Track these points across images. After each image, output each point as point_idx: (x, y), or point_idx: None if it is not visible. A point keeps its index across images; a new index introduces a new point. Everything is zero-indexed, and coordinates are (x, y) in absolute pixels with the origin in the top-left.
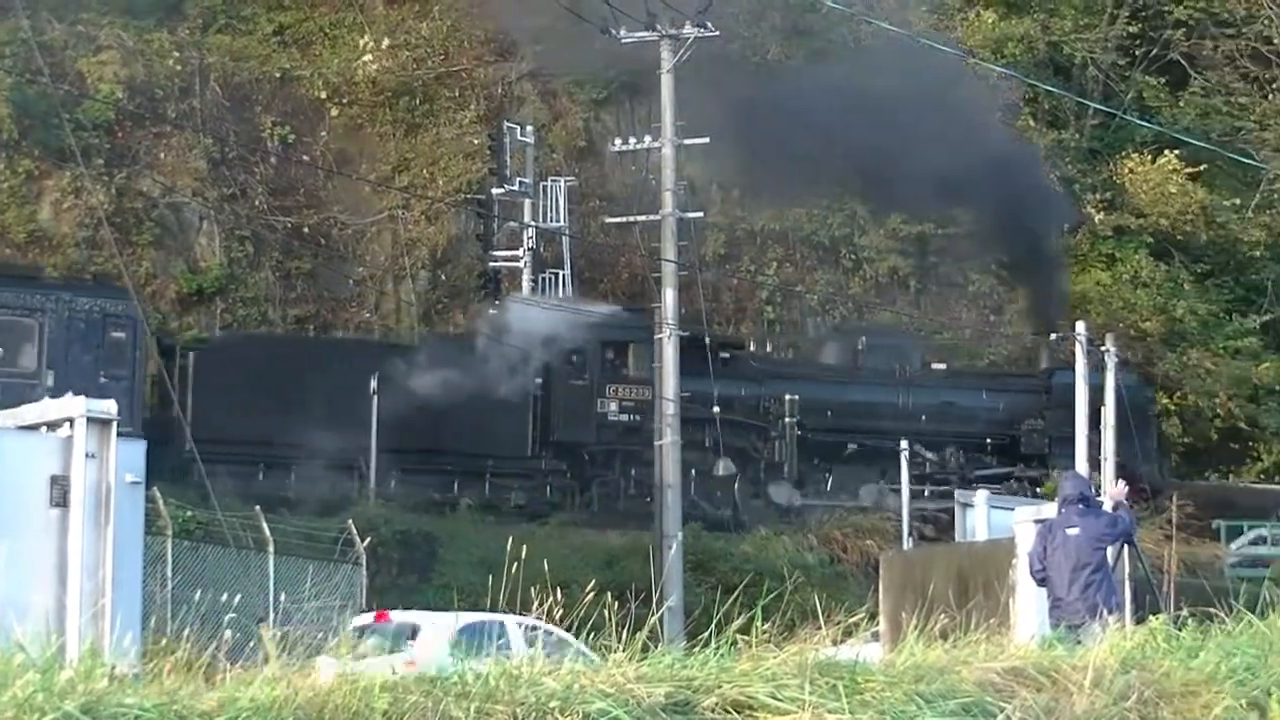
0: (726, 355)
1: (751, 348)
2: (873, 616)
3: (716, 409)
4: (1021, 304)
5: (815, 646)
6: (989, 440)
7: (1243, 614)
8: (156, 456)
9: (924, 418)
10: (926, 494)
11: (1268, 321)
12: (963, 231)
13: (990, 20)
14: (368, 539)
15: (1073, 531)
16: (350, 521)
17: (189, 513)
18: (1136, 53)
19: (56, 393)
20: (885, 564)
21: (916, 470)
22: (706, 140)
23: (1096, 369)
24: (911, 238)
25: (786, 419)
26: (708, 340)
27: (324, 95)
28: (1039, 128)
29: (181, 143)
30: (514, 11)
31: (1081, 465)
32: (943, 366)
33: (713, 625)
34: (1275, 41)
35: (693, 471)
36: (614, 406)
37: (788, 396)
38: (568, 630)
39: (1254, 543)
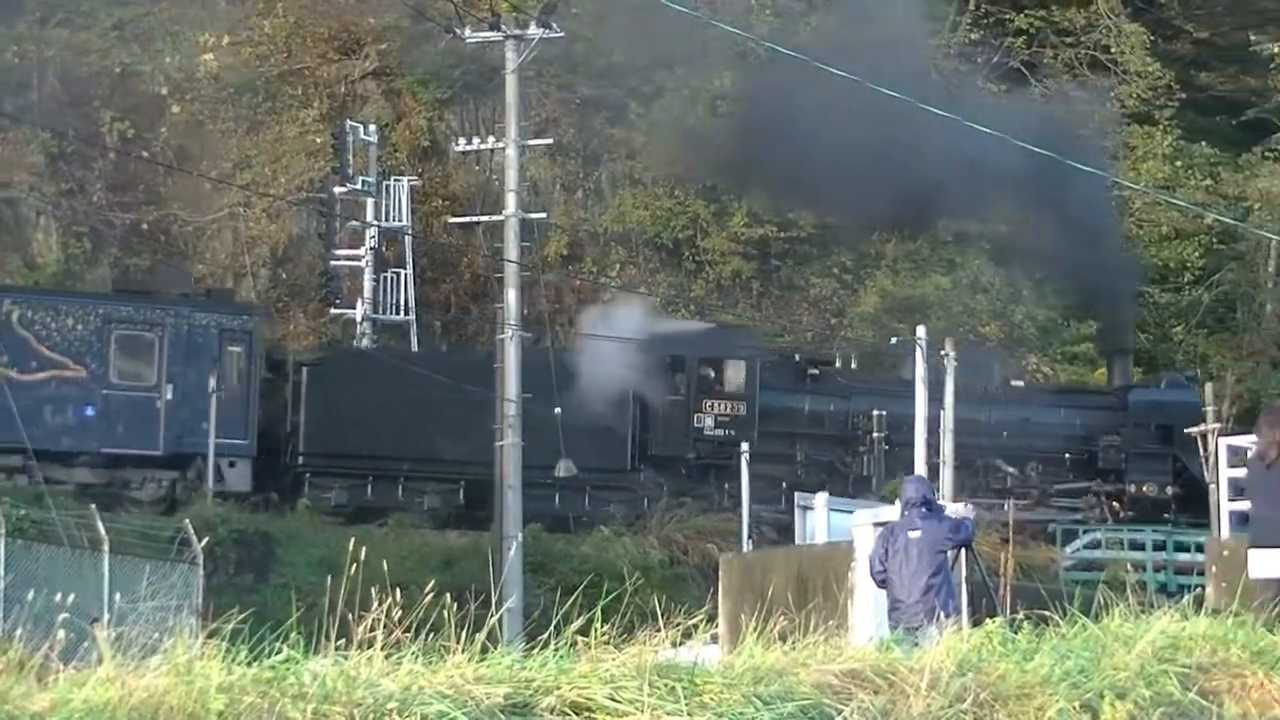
0: (815, 372)
1: (838, 364)
2: (712, 618)
3: (558, 409)
4: (1087, 328)
5: (654, 648)
6: (1068, 456)
7: (1077, 617)
8: (265, 468)
9: (1005, 433)
10: (1006, 508)
11: (1103, 327)
12: (803, 235)
13: (834, 26)
14: (205, 539)
15: (914, 535)
16: (187, 521)
17: (22, 511)
18: (978, 60)
19: (174, 406)
20: (725, 566)
21: (998, 485)
22: (550, 141)
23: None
24: (754, 240)
25: (875, 434)
26: (797, 358)
27: (165, 91)
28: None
29: (18, 137)
30: (358, 10)
31: (920, 467)
32: (1021, 384)
33: (552, 626)
34: (1113, 50)
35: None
36: (709, 421)
37: (875, 412)
38: (406, 632)
39: (1088, 546)
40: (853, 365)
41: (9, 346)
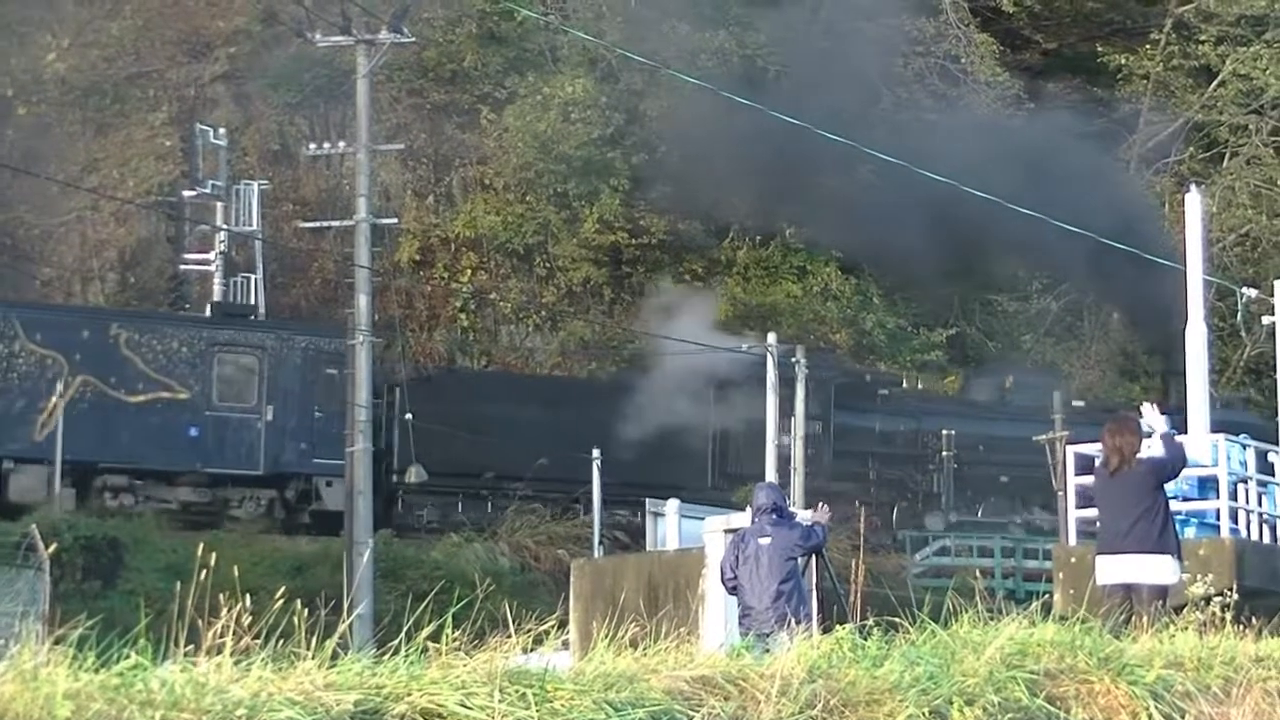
0: (885, 392)
1: (904, 384)
2: (563, 625)
3: (409, 415)
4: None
5: (505, 655)
6: None
7: (927, 624)
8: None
9: None
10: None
11: (953, 335)
12: (654, 242)
13: (684, 32)
14: (52, 545)
15: (764, 541)
16: (34, 526)
17: None
18: (831, 68)
19: (274, 427)
20: (576, 572)
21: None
22: (401, 146)
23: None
24: (605, 247)
25: (943, 452)
26: (868, 378)
27: (10, 93)
28: (733, 140)
29: None
30: (207, 13)
31: (770, 474)
32: (1081, 404)
33: (403, 633)
34: (963, 60)
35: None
36: (786, 439)
37: (944, 431)
38: (256, 638)
39: (938, 553)
40: (919, 385)
41: (117, 369)
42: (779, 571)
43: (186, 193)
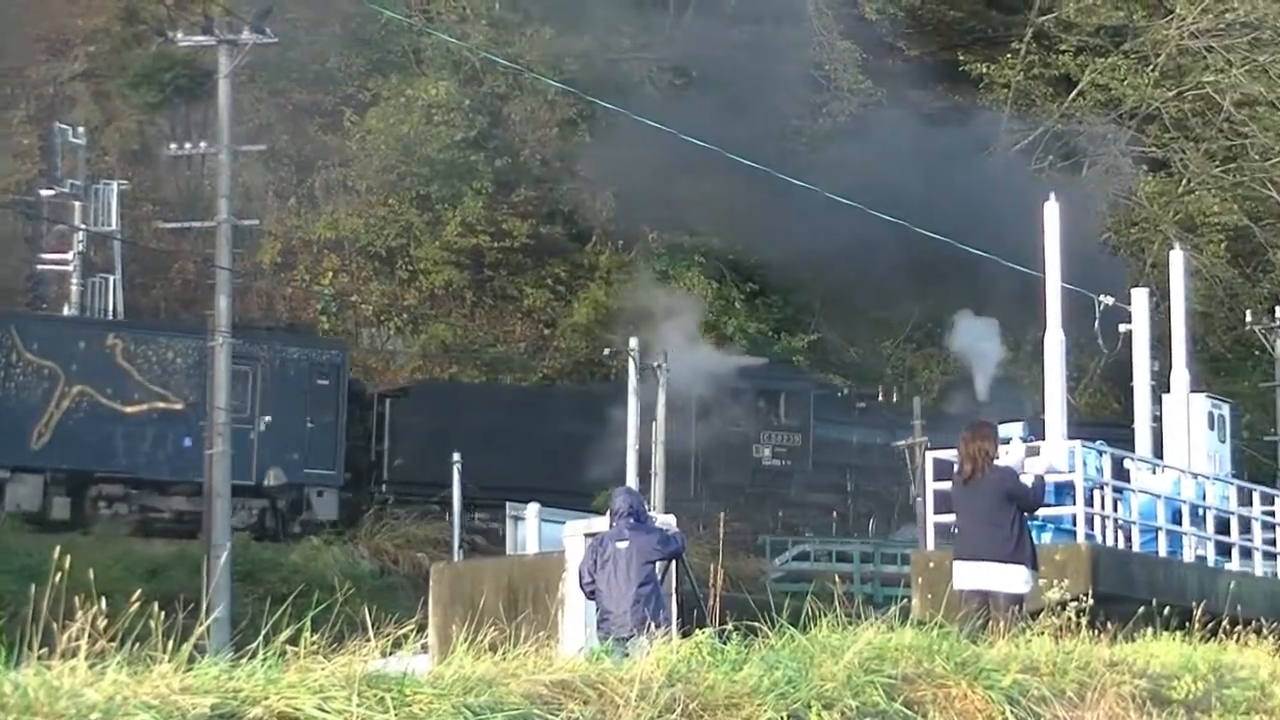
0: (863, 404)
1: (880, 398)
2: (422, 628)
3: (266, 418)
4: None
5: (364, 658)
6: None
7: (786, 628)
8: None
9: None
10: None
11: (814, 340)
12: (517, 245)
13: (548, 36)
14: None
15: (622, 545)
16: None
17: None
18: (694, 73)
19: (269, 436)
20: (436, 576)
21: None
22: (263, 147)
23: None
24: (467, 250)
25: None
26: (844, 391)
27: None
28: (597, 144)
29: None
30: (68, 11)
31: (631, 478)
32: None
33: (261, 636)
34: (826, 67)
35: None
36: (767, 452)
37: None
38: (111, 641)
39: (797, 558)
40: (894, 399)
41: (113, 379)
42: (637, 576)
43: (44, 192)
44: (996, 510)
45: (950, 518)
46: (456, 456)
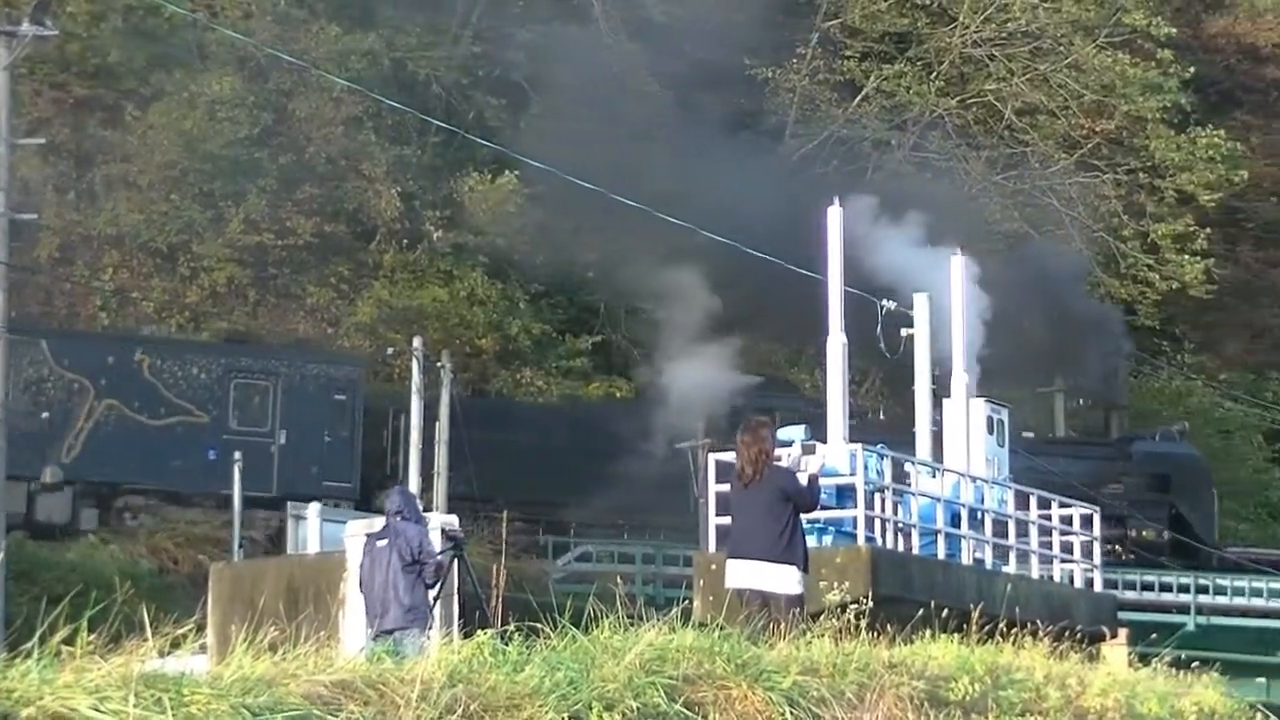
0: (854, 421)
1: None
2: (201, 628)
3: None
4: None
5: (141, 658)
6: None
7: (567, 629)
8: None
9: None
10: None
11: (599, 342)
12: (301, 243)
13: (335, 33)
14: None
15: (382, 544)
16: None
17: None
18: (480, 73)
19: (287, 451)
20: (215, 575)
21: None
22: (42, 141)
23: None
24: (250, 247)
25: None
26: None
27: None
28: (381, 143)
29: None
30: None
31: (414, 482)
32: (1031, 434)
33: (36, 637)
34: (613, 69)
35: None
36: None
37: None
38: None
39: (579, 559)
40: (881, 416)
41: (140, 393)
42: (401, 574)
43: None
44: (773, 510)
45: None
46: (237, 455)
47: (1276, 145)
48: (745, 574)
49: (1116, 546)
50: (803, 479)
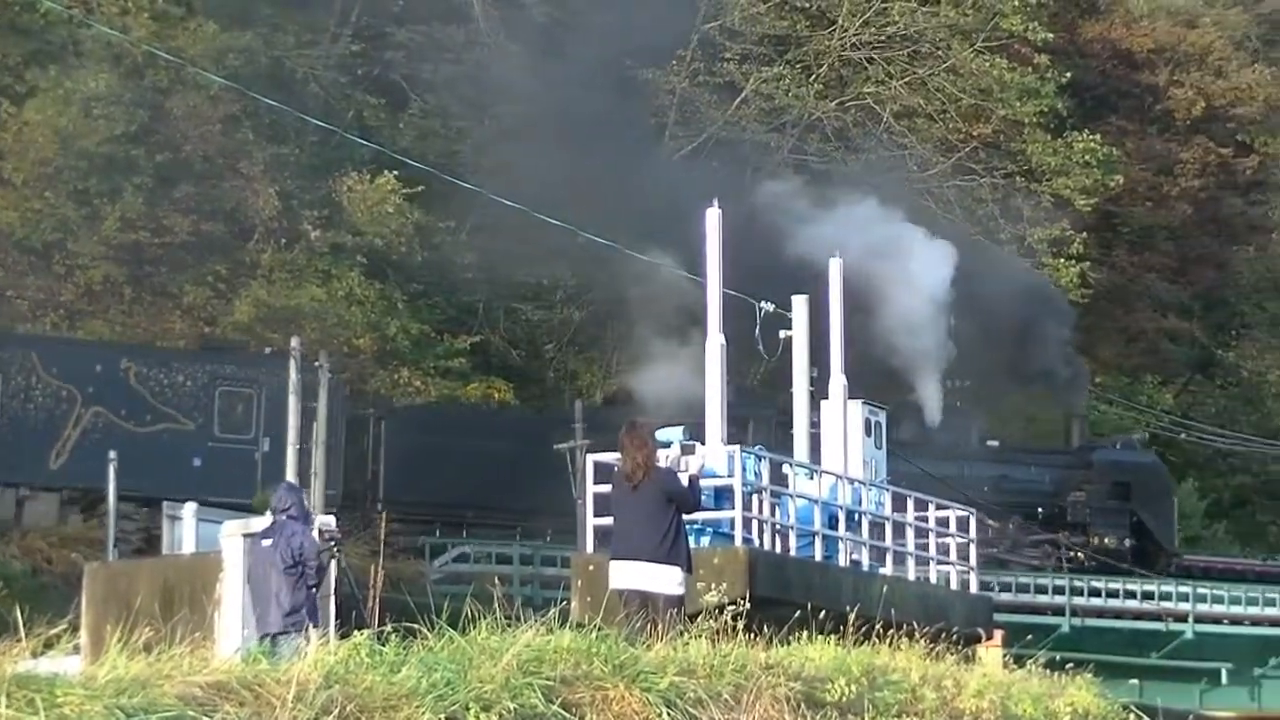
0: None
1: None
2: (75, 629)
3: None
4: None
5: (14, 659)
6: (1040, 510)
7: (445, 630)
8: (345, 516)
9: (985, 489)
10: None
11: (477, 343)
12: (178, 242)
13: (212, 31)
14: None
15: (267, 543)
16: None
17: None
18: (359, 72)
19: (270, 458)
20: (89, 576)
21: (980, 536)
22: None
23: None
24: (127, 245)
25: None
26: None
27: None
28: (259, 142)
29: None
30: None
31: (290, 475)
32: (996, 443)
33: None
34: (493, 69)
35: None
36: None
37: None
38: None
39: (457, 560)
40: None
41: (127, 401)
42: (283, 575)
43: None
44: (656, 511)
45: (610, 520)
46: (112, 455)
47: (1151, 150)
48: (628, 575)
49: (1079, 554)
50: (684, 480)
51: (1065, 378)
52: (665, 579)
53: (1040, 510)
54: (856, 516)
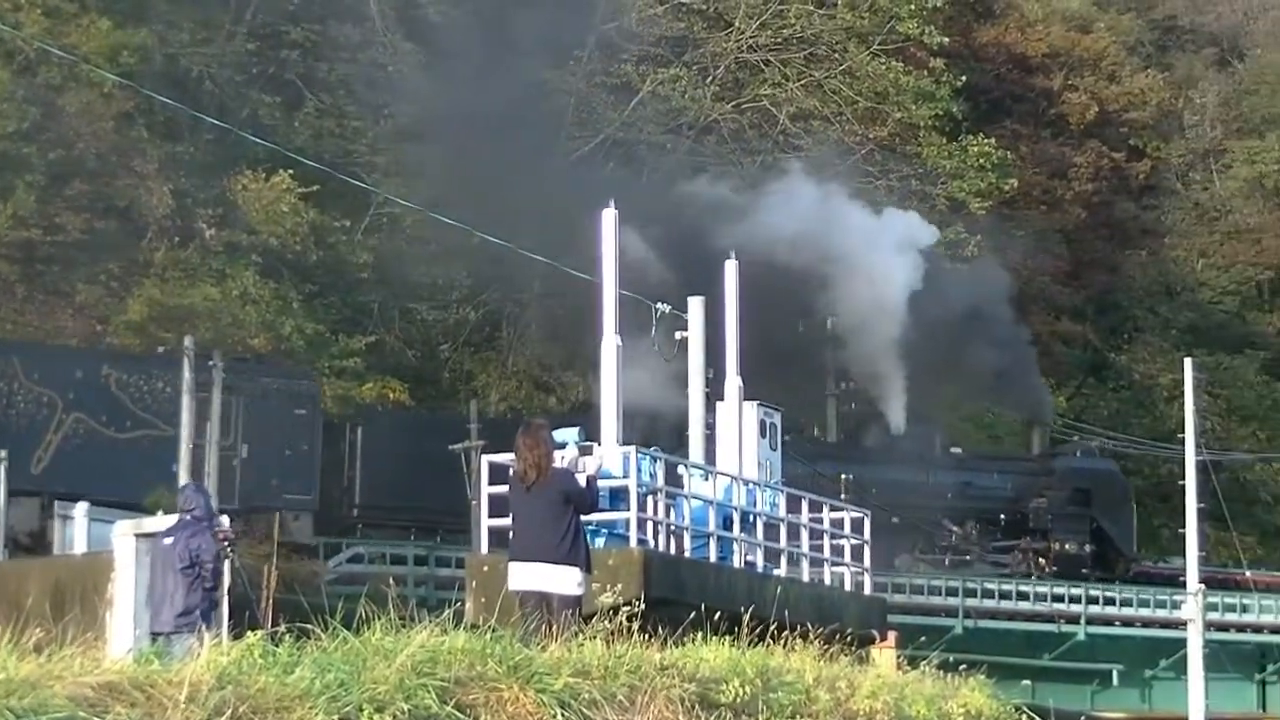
0: (787, 437)
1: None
2: None
3: None
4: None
5: None
6: (1003, 516)
7: (339, 630)
8: (323, 519)
9: (949, 495)
10: (947, 563)
11: (372, 342)
12: (70, 240)
13: (106, 28)
14: None
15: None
16: None
17: None
18: (254, 70)
19: (249, 464)
20: None
21: (944, 541)
22: None
23: (204, 386)
24: (19, 243)
25: (841, 496)
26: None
27: None
28: (153, 140)
29: None
30: None
31: (184, 477)
32: (959, 451)
33: None
34: (389, 68)
35: None
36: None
37: (842, 475)
38: None
39: (351, 560)
40: (815, 432)
41: (107, 407)
42: (179, 573)
43: None
44: (554, 512)
45: (505, 521)
46: (2, 454)
47: (1045, 154)
48: (527, 576)
49: (1041, 559)
50: (581, 480)
51: (1025, 384)
52: (564, 580)
53: (1003, 516)
54: (751, 518)
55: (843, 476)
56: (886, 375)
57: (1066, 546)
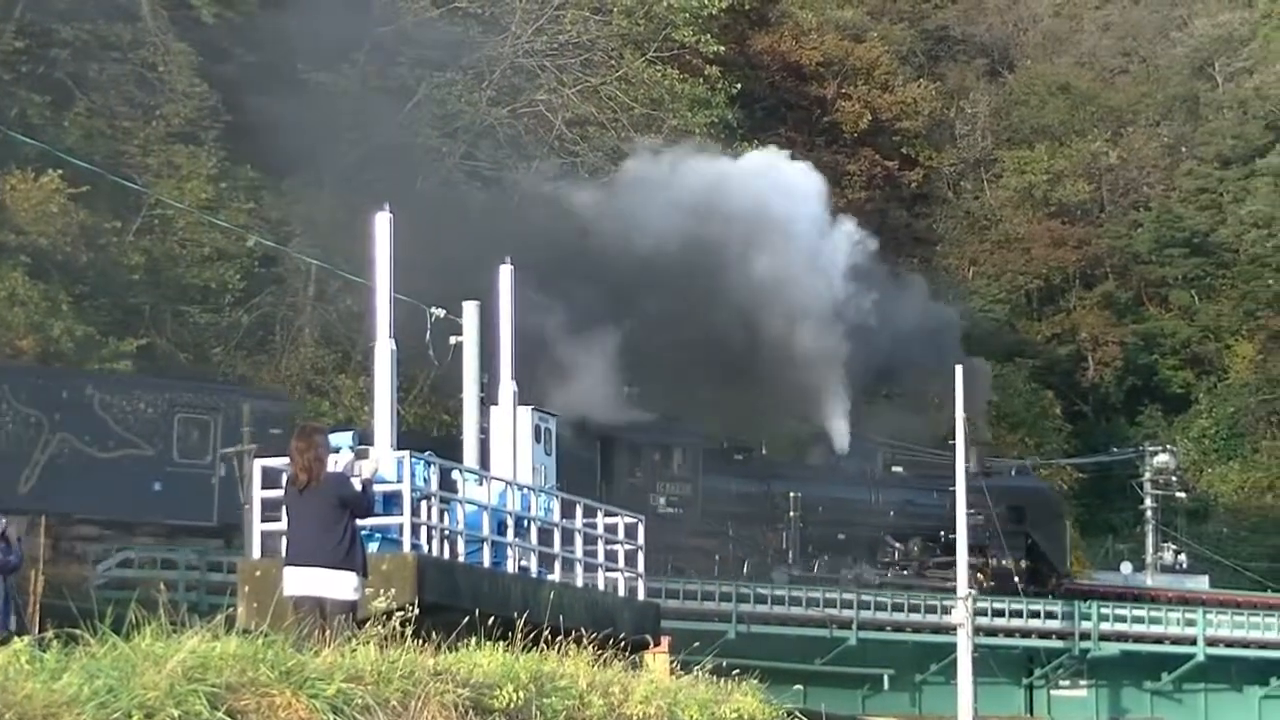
0: (740, 456)
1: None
2: None
3: None
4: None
5: None
6: (943, 533)
7: (108, 636)
8: None
9: (892, 513)
10: (890, 577)
11: (144, 345)
12: None
13: None
14: None
15: None
16: None
17: None
18: (23, 69)
19: (227, 485)
20: None
21: (886, 558)
22: None
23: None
24: None
25: (791, 513)
26: (725, 444)
27: None
28: None
29: None
30: None
31: None
32: (900, 470)
33: None
34: (160, 69)
35: None
36: (662, 500)
37: (792, 493)
38: None
39: (121, 565)
40: (763, 451)
41: (91, 427)
42: None
43: None
44: (329, 517)
45: (278, 525)
46: None
47: (820, 161)
48: (303, 581)
49: (979, 575)
50: (357, 484)
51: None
52: (340, 584)
53: (943, 533)
54: (525, 522)
55: (792, 495)
56: (829, 393)
57: (1004, 562)
